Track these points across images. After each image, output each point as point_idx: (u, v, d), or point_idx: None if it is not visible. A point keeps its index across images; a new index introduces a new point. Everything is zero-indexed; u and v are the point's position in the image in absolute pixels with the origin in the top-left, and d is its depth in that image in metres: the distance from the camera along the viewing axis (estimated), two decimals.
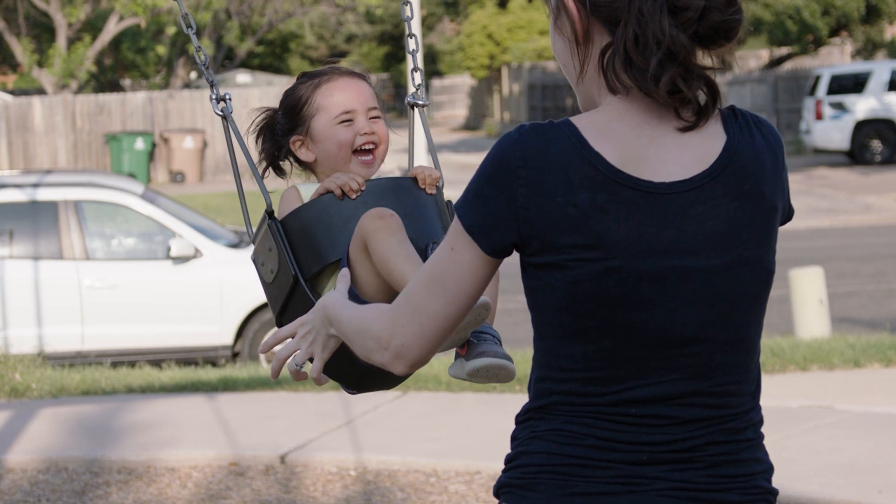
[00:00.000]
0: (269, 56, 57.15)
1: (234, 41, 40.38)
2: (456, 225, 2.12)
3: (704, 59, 2.11)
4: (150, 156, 28.91)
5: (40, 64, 32.39)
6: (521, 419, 2.18)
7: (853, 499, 5.58)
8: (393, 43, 56.16)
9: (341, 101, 2.97)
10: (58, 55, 30.69)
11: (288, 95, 3.06)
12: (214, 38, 40.77)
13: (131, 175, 24.32)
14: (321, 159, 2.97)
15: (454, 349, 2.72)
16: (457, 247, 2.11)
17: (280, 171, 3.05)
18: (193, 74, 43.30)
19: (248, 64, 51.53)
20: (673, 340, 2.09)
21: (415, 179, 2.96)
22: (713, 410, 2.12)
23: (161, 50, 36.96)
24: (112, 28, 31.50)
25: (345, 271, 2.51)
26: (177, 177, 28.80)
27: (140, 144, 28.15)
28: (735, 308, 2.12)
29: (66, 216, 10.76)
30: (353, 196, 2.84)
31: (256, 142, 3.08)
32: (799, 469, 5.97)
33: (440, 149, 36.99)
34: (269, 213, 2.89)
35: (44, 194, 10.87)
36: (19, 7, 35.18)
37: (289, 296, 2.88)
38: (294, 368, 2.38)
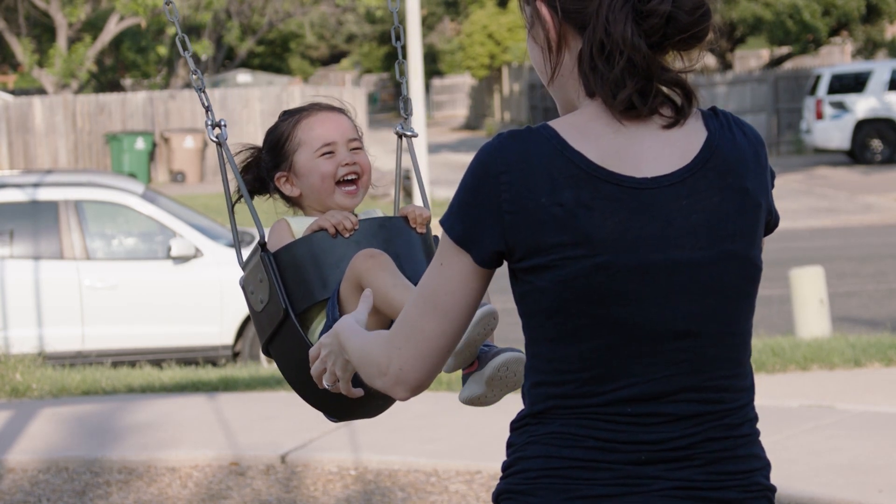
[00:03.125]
0: (270, 56, 57.17)
1: (235, 41, 40.41)
2: (444, 240, 2.13)
3: (675, 61, 2.13)
4: (151, 156, 28.93)
5: (41, 64, 32.40)
6: (516, 426, 2.18)
7: (853, 499, 5.58)
8: None
9: (321, 134, 3.02)
10: (58, 55, 30.69)
11: (270, 133, 3.10)
12: (215, 38, 40.76)
13: (132, 175, 24.31)
14: (306, 193, 3.03)
15: (461, 376, 2.73)
16: (446, 261, 2.12)
17: (251, 196, 3.10)
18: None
19: (248, 64, 51.54)
20: (665, 334, 2.09)
21: (406, 218, 3.01)
22: (709, 406, 2.12)
23: (161, 50, 36.95)
24: (112, 28, 31.51)
25: (368, 292, 2.51)
26: (177, 177, 28.80)
27: (140, 144, 28.16)
28: (725, 301, 2.12)
29: (66, 216, 10.76)
30: (347, 235, 2.89)
31: (246, 179, 3.12)
32: (799, 469, 5.97)
33: (440, 149, 37.02)
34: (262, 245, 2.93)
35: (44, 194, 10.87)
36: (20, 7, 35.19)
37: (277, 328, 2.92)
38: (327, 387, 2.41)
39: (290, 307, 2.88)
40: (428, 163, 22.27)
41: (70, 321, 10.60)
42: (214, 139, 3.06)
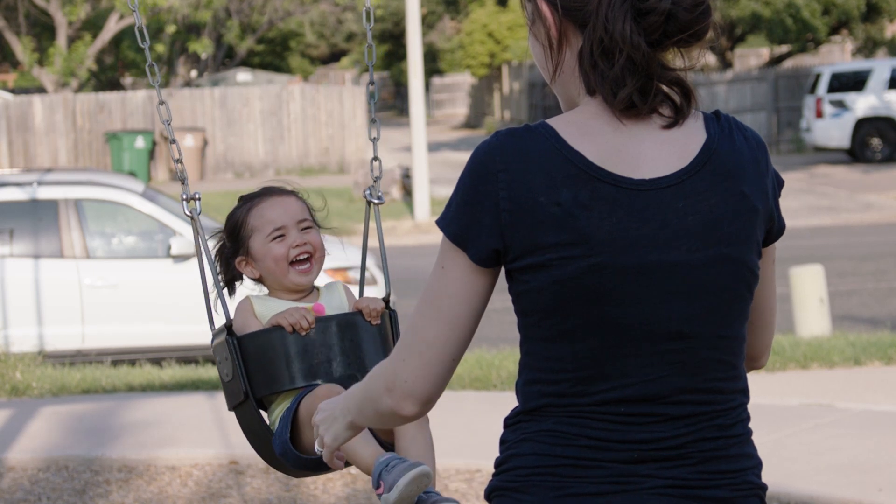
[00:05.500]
0: (270, 54, 57.16)
1: (235, 40, 40.39)
2: (443, 241, 2.12)
3: (675, 60, 2.13)
4: (151, 154, 28.93)
5: (41, 62, 32.38)
6: (510, 422, 2.18)
7: (853, 497, 5.58)
8: (393, 41, 56.18)
9: (272, 218, 3.21)
10: (58, 54, 30.68)
11: (228, 220, 3.30)
12: (215, 37, 40.76)
13: (132, 174, 24.30)
14: (264, 274, 3.22)
15: None
16: (446, 263, 2.12)
17: (232, 290, 3.31)
18: (194, 73, 43.30)
19: (248, 62, 51.53)
20: (659, 335, 2.09)
21: (360, 312, 3.17)
22: (701, 406, 2.12)
23: (160, 48, 36.93)
24: (112, 27, 31.50)
25: None
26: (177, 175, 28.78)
27: (140, 143, 28.15)
28: (719, 303, 2.12)
29: (66, 215, 10.75)
30: (303, 334, 3.07)
31: (218, 264, 3.31)
32: (799, 468, 5.97)
33: (440, 147, 37.02)
34: (229, 329, 3.11)
35: (44, 193, 10.87)
36: (19, 6, 35.18)
37: (240, 403, 3.12)
38: (317, 452, 2.46)
39: (250, 391, 3.09)
40: (428, 161, 22.28)
41: (70, 320, 10.60)
42: (188, 213, 3.26)
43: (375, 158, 3.40)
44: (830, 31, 32.88)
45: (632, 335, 2.09)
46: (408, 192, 23.68)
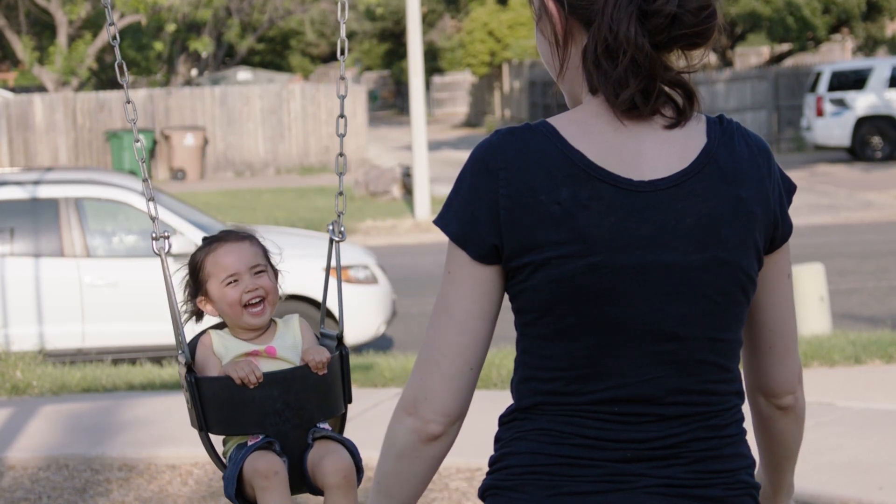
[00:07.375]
0: (270, 53, 57.18)
1: (235, 38, 40.40)
2: (448, 246, 2.12)
3: (679, 60, 2.13)
4: (151, 153, 28.93)
5: (41, 61, 32.38)
6: (505, 420, 2.18)
7: (854, 496, 5.58)
8: (393, 40, 56.18)
9: (226, 264, 3.38)
10: (59, 52, 30.69)
11: (189, 262, 3.46)
12: (215, 36, 40.77)
13: (132, 172, 24.30)
14: (222, 315, 3.40)
15: None
16: (452, 267, 2.11)
17: (200, 317, 3.48)
18: (194, 72, 43.31)
19: (248, 61, 51.55)
20: (655, 335, 2.09)
21: (307, 365, 3.32)
22: (695, 407, 2.12)
23: (159, 46, 36.92)
24: None
25: None
26: (178, 174, 28.80)
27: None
28: (714, 306, 2.12)
29: (66, 214, 10.75)
30: (251, 387, 3.25)
31: (186, 295, 3.47)
32: (799, 467, 5.96)
33: (440, 146, 37.03)
34: (189, 368, 3.27)
35: (44, 192, 10.87)
36: (20, 4, 35.18)
37: (200, 430, 3.30)
38: None
39: (205, 427, 3.27)
40: (428, 160, 22.29)
41: (70, 319, 10.60)
42: (156, 252, 3.32)
43: (340, 193, 3.50)
44: (831, 29, 32.88)
45: (628, 335, 2.09)
46: (408, 190, 23.69)
